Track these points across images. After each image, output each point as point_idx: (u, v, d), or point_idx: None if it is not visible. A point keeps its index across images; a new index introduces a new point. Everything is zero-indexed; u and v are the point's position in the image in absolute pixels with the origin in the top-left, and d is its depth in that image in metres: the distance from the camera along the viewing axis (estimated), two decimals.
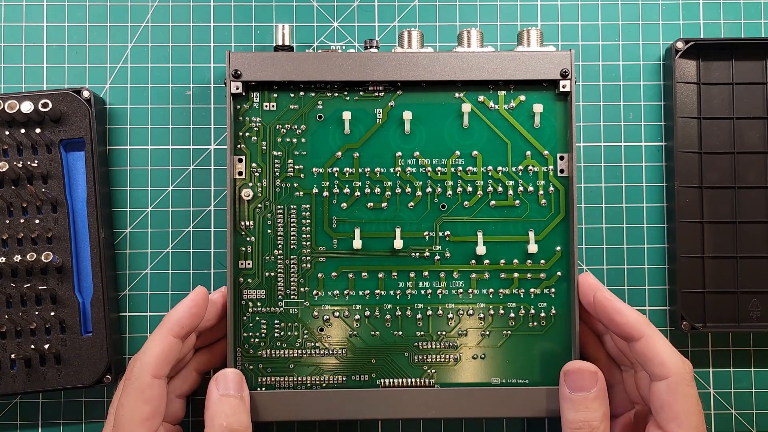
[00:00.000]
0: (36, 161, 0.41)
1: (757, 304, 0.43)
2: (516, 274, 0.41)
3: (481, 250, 0.40)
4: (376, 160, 0.41)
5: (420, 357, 0.40)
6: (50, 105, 0.40)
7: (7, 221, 0.41)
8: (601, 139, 0.44)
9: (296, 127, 0.41)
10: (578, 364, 0.37)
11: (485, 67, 0.40)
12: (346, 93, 0.41)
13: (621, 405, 0.40)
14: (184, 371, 0.40)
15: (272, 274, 0.40)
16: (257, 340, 0.40)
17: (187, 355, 0.39)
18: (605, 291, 0.37)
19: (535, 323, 0.40)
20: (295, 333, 0.40)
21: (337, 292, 0.40)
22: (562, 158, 0.41)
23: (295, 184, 0.41)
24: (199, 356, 0.41)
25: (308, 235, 0.40)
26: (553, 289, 0.40)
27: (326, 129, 0.41)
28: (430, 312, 0.40)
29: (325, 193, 0.41)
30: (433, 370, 0.40)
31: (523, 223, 0.41)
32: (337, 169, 0.41)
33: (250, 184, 0.40)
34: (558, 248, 0.40)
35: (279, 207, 0.40)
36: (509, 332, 0.40)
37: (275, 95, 0.41)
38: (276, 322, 0.40)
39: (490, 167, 0.41)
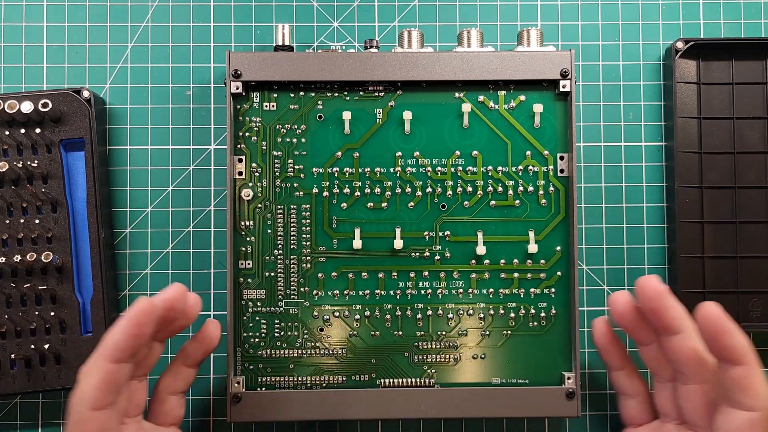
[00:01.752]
0: (36, 161, 0.41)
1: (757, 304, 0.43)
2: (516, 274, 0.41)
3: (481, 250, 0.40)
4: (376, 160, 0.41)
5: (420, 357, 0.40)
6: (50, 105, 0.40)
7: (7, 221, 0.41)
8: (601, 139, 0.44)
9: (296, 127, 0.41)
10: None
11: (485, 67, 0.40)
12: (346, 93, 0.41)
13: (640, 415, 0.38)
14: (173, 368, 0.38)
15: (272, 274, 0.40)
16: (257, 340, 0.40)
17: (155, 352, 0.37)
18: (712, 305, 0.34)
19: (535, 323, 0.40)
20: (295, 333, 0.40)
21: (337, 292, 0.40)
22: (562, 158, 0.41)
23: (295, 184, 0.41)
24: (185, 349, 0.38)
25: (308, 235, 0.40)
26: (553, 289, 0.40)
27: (326, 129, 0.41)
28: (430, 312, 0.40)
29: (325, 193, 0.41)
30: (433, 370, 0.40)
31: (523, 223, 0.41)
32: (337, 169, 0.41)
33: (250, 184, 0.40)
34: (558, 248, 0.40)
35: (279, 207, 0.40)
36: (509, 332, 0.40)
37: (275, 95, 0.41)
38: (276, 322, 0.40)
39: (490, 167, 0.41)
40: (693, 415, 0.35)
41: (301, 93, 0.41)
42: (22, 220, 0.41)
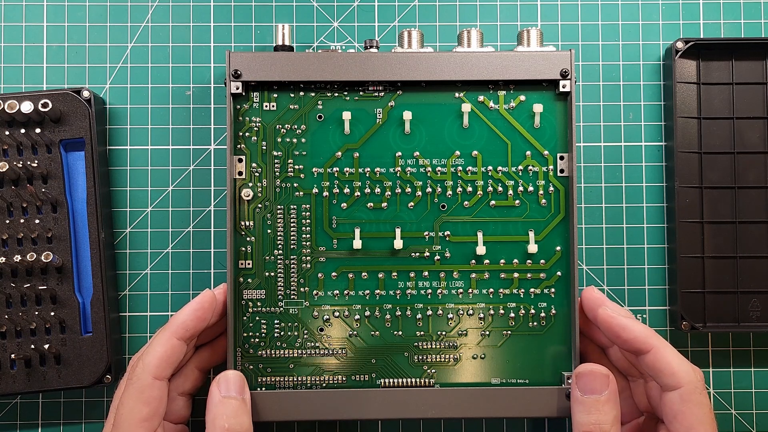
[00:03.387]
0: (36, 161, 0.41)
1: (757, 304, 0.43)
2: (516, 274, 0.41)
3: (481, 250, 0.40)
4: (376, 160, 0.41)
5: (420, 357, 0.40)
6: (50, 105, 0.40)
7: (7, 221, 0.41)
8: (601, 139, 0.44)
9: (296, 127, 0.41)
10: (590, 367, 0.37)
11: (485, 67, 0.40)
12: (346, 93, 0.41)
13: (628, 413, 0.40)
14: (186, 369, 0.40)
15: (272, 274, 0.40)
16: (257, 340, 0.40)
17: (188, 354, 0.39)
18: (608, 306, 0.37)
19: (535, 323, 0.40)
20: (295, 333, 0.40)
21: (337, 292, 0.40)
22: (562, 158, 0.41)
23: (295, 184, 0.41)
24: (200, 354, 0.41)
25: (308, 235, 0.40)
26: (553, 289, 0.40)
27: (326, 129, 0.41)
28: (430, 312, 0.40)
29: (325, 193, 0.41)
30: (433, 370, 0.40)
31: (523, 223, 0.41)
32: (337, 169, 0.41)
33: (250, 184, 0.40)
34: (558, 248, 0.40)
35: (279, 207, 0.40)
36: (509, 332, 0.40)
37: (275, 95, 0.41)
38: (276, 322, 0.40)
39: (490, 167, 0.41)
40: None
41: (301, 93, 0.41)
42: (22, 220, 0.41)
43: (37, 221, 0.41)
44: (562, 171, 0.41)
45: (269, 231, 0.40)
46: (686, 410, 0.34)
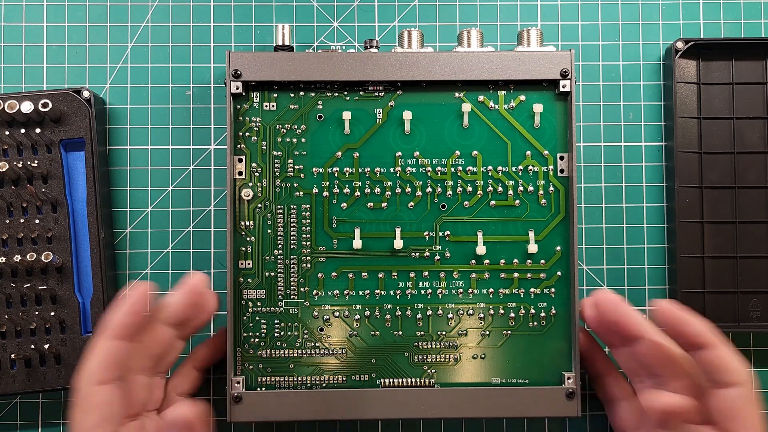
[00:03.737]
0: (36, 161, 0.41)
1: (757, 304, 0.43)
2: (516, 274, 0.41)
3: (481, 250, 0.40)
4: (376, 160, 0.41)
5: (420, 357, 0.40)
6: (50, 105, 0.40)
7: (7, 221, 0.41)
8: (601, 139, 0.44)
9: (296, 127, 0.41)
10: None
11: (485, 67, 0.40)
12: (346, 93, 0.41)
13: (630, 421, 0.39)
14: (183, 369, 0.40)
15: (272, 274, 0.40)
16: (257, 340, 0.40)
17: (175, 350, 0.38)
18: (664, 302, 0.36)
19: (535, 323, 0.40)
20: (295, 333, 0.40)
21: (337, 292, 0.40)
22: (562, 158, 0.41)
23: (295, 184, 0.41)
24: (197, 353, 0.40)
25: (308, 235, 0.40)
26: (553, 289, 0.40)
27: (326, 129, 0.41)
28: (430, 312, 0.40)
29: (325, 193, 0.41)
30: (433, 370, 0.40)
31: (523, 223, 0.41)
32: (337, 169, 0.41)
33: (250, 184, 0.40)
34: (558, 248, 0.40)
35: (279, 207, 0.40)
36: (509, 332, 0.40)
37: (275, 95, 0.41)
38: (276, 322, 0.40)
39: (490, 167, 0.41)
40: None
41: (301, 93, 0.41)
42: (22, 220, 0.41)
43: (37, 221, 0.41)
44: (562, 171, 0.41)
45: (269, 231, 0.40)
46: (746, 407, 0.34)
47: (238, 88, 0.40)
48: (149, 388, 0.37)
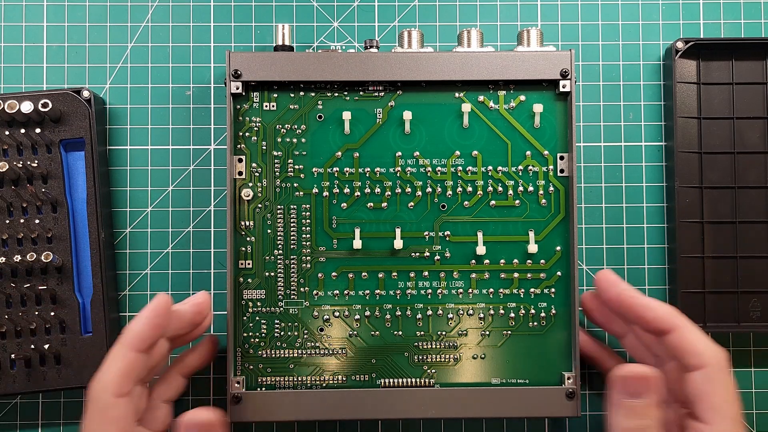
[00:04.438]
0: (36, 161, 0.41)
1: (757, 304, 0.43)
2: (516, 274, 0.41)
3: (481, 250, 0.40)
4: (376, 160, 0.41)
5: (420, 357, 0.40)
6: (50, 105, 0.40)
7: (7, 221, 0.41)
8: (601, 139, 0.44)
9: (296, 127, 0.41)
10: (635, 368, 0.34)
11: (485, 67, 0.40)
12: (346, 93, 0.41)
13: (644, 353, 0.39)
14: (169, 375, 0.39)
15: (272, 274, 0.40)
16: (257, 340, 0.40)
17: (163, 360, 0.38)
18: (629, 287, 0.36)
19: (535, 323, 0.40)
20: (295, 333, 0.40)
21: (337, 292, 0.40)
22: (562, 158, 0.41)
23: (295, 184, 0.41)
24: (183, 359, 0.40)
25: (308, 235, 0.40)
26: (553, 289, 0.40)
27: (326, 129, 0.41)
28: (430, 312, 0.40)
29: (325, 193, 0.41)
30: (433, 370, 0.40)
31: (523, 223, 0.41)
32: (337, 169, 0.41)
33: (250, 184, 0.40)
34: (558, 248, 0.40)
35: (279, 207, 0.40)
36: (509, 332, 0.40)
37: (275, 95, 0.41)
38: (276, 322, 0.40)
39: (490, 167, 0.41)
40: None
41: (301, 93, 0.41)
42: (22, 220, 0.41)
43: (37, 221, 0.41)
44: (562, 171, 0.41)
45: (269, 231, 0.40)
46: (711, 390, 0.33)
47: (238, 88, 0.40)
48: (141, 398, 0.36)
